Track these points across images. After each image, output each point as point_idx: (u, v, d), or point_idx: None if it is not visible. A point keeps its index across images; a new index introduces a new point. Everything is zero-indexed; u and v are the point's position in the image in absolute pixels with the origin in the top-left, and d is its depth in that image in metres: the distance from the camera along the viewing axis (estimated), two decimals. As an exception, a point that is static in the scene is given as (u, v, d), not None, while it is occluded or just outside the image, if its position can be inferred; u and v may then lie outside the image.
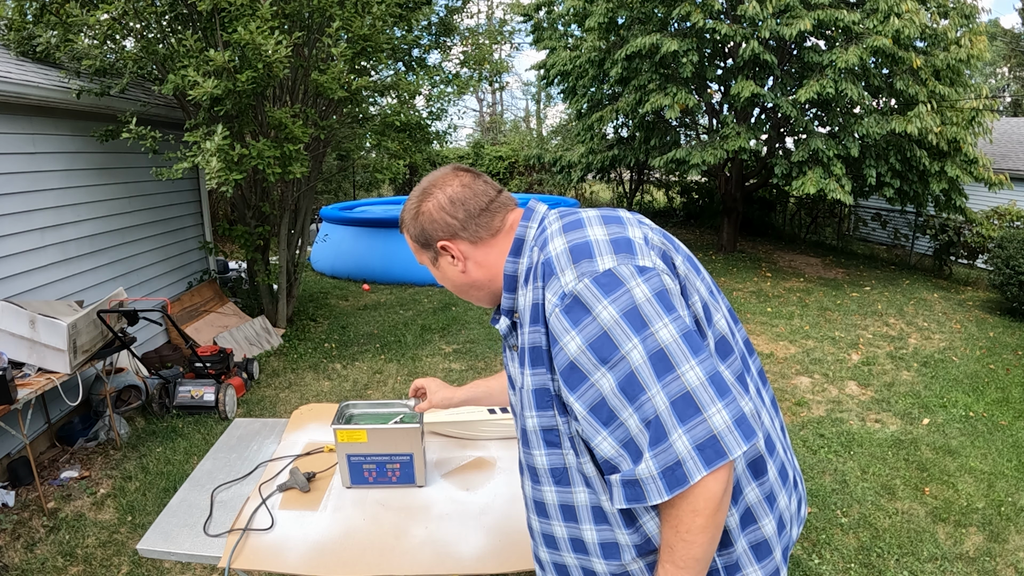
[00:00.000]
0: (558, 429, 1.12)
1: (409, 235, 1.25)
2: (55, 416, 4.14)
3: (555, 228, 1.11)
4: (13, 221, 3.89)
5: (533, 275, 1.09)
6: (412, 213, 1.23)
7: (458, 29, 7.00)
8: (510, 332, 1.18)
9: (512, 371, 1.22)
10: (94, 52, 4.41)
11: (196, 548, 1.71)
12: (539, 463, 1.16)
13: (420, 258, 1.27)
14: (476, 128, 28.64)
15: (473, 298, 1.26)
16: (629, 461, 1.00)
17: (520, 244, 1.17)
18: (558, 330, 1.02)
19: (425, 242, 1.22)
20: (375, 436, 1.89)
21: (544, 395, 1.11)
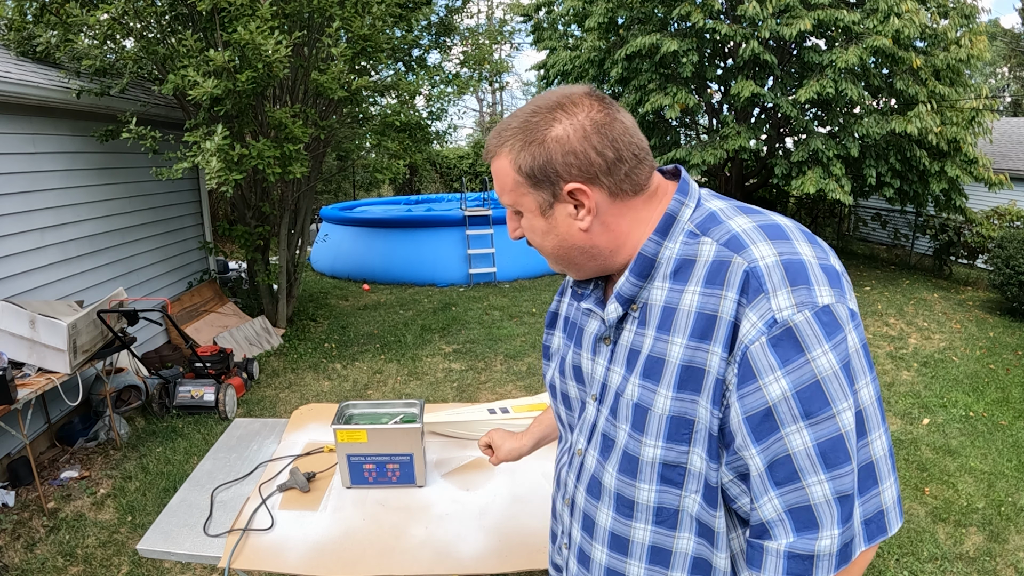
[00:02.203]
0: (687, 468, 0.90)
1: (513, 162, 0.92)
2: (55, 416, 4.14)
3: (747, 226, 0.88)
4: (13, 221, 3.89)
5: (709, 277, 0.86)
6: (531, 134, 0.90)
7: (458, 29, 7.01)
8: (615, 325, 0.98)
9: (593, 368, 1.02)
10: (94, 52, 4.42)
11: (196, 548, 1.71)
12: (642, 497, 0.94)
13: (512, 197, 0.95)
14: (476, 128, 28.63)
15: (573, 266, 0.99)
16: (791, 531, 0.83)
17: (670, 222, 0.93)
18: (761, 365, 0.81)
19: (544, 178, 0.91)
20: (375, 436, 1.89)
21: (683, 426, 0.88)
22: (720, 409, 0.85)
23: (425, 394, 5.02)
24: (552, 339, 1.22)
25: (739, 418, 0.84)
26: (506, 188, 0.96)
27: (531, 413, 2.26)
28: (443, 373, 5.49)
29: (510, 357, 5.84)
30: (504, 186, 0.96)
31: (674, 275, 0.91)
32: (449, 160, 18.51)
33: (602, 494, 1.01)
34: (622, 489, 0.97)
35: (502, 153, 0.94)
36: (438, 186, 18.74)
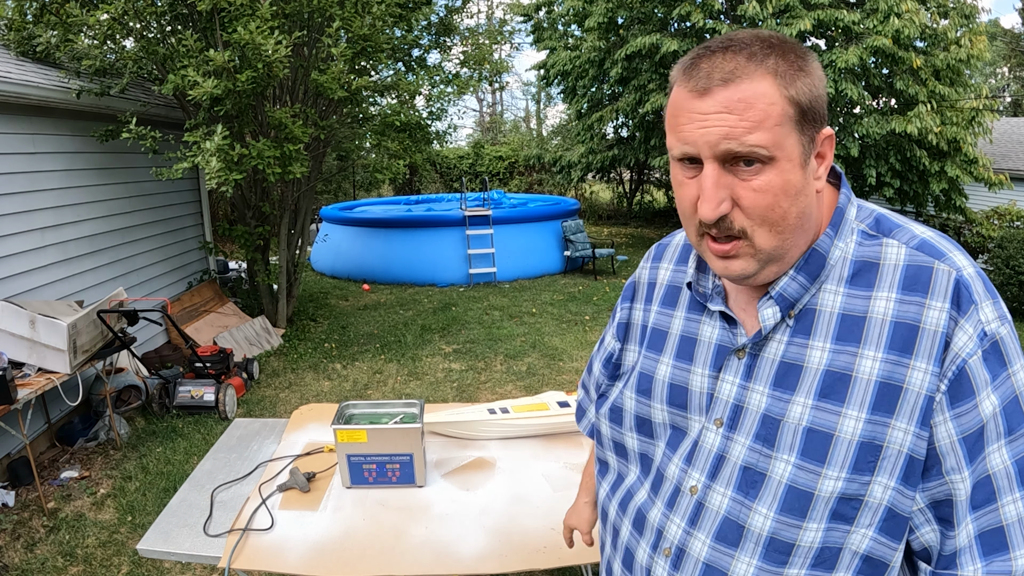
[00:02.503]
0: (863, 501, 0.77)
1: (784, 88, 0.72)
2: (55, 416, 4.14)
3: (930, 232, 0.81)
4: (13, 221, 3.89)
5: (906, 283, 0.77)
6: (799, 59, 0.74)
7: (458, 29, 7.01)
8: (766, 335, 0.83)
9: (714, 386, 0.87)
10: (94, 52, 4.42)
11: (196, 548, 1.71)
12: (806, 540, 0.79)
13: (773, 136, 0.72)
14: (476, 128, 28.64)
15: (781, 251, 0.78)
16: (978, 557, 0.76)
17: (840, 218, 0.82)
18: (978, 381, 0.74)
19: (813, 119, 0.75)
20: (375, 436, 1.89)
21: (871, 453, 0.76)
22: (920, 428, 0.75)
23: (425, 394, 5.02)
24: (626, 354, 1.04)
25: (952, 439, 0.75)
26: (766, 121, 0.71)
27: (531, 413, 2.26)
28: (443, 373, 5.49)
29: (510, 357, 5.84)
30: (762, 118, 0.71)
31: (852, 279, 0.80)
32: (449, 160, 18.52)
33: (744, 540, 0.83)
34: (780, 532, 0.81)
35: (762, 73, 0.72)
36: (438, 186, 18.75)
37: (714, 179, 0.74)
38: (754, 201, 0.74)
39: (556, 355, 5.86)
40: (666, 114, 0.80)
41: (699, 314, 0.93)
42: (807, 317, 0.81)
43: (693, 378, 0.90)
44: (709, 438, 0.87)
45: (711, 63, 0.73)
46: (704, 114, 0.73)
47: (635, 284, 1.07)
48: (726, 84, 0.72)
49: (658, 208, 17.02)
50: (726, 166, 0.74)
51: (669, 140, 0.79)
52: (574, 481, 1.99)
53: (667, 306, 0.98)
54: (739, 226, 0.76)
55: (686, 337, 0.93)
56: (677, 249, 1.03)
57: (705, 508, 0.86)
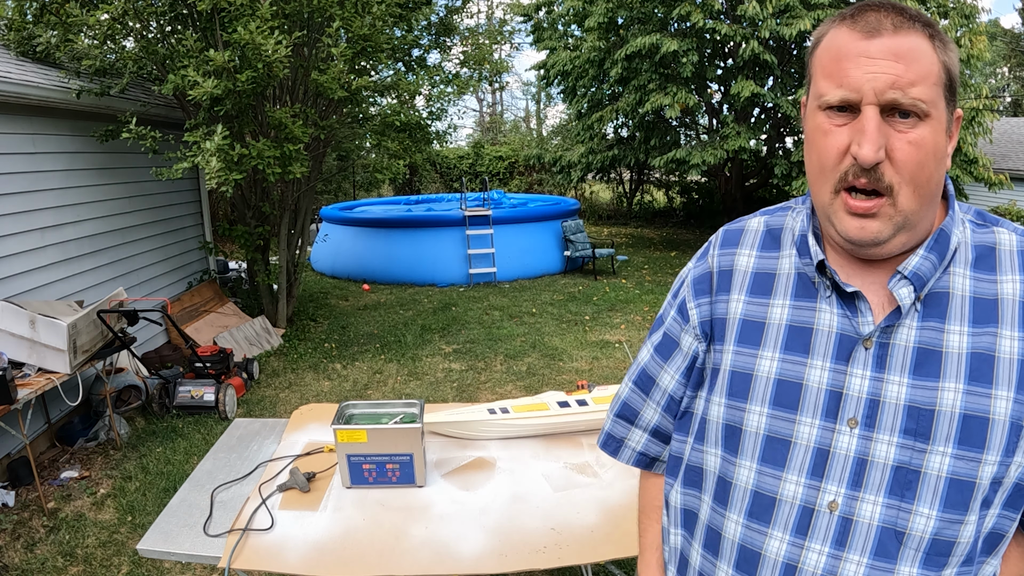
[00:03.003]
0: (1003, 481, 0.78)
1: (939, 54, 0.74)
2: (55, 416, 4.15)
3: None
4: (13, 221, 3.89)
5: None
6: (944, 36, 0.76)
7: (458, 29, 7.01)
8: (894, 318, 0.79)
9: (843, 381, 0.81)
10: (94, 52, 4.42)
11: (196, 548, 1.71)
12: (966, 534, 0.78)
13: (933, 92, 0.73)
14: (476, 128, 28.65)
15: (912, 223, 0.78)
16: None
17: (952, 205, 0.83)
18: None
19: (954, 91, 0.77)
20: (375, 436, 1.89)
21: (1017, 432, 0.76)
22: None
23: (425, 394, 5.02)
24: (713, 356, 0.92)
25: None
26: (927, 78, 0.73)
27: (531, 413, 2.26)
28: (443, 373, 5.49)
29: (510, 357, 5.84)
30: (925, 74, 0.73)
31: (976, 263, 0.81)
32: (449, 160, 18.51)
33: (904, 548, 0.78)
34: (943, 531, 0.77)
35: (923, 34, 0.74)
36: (438, 186, 18.75)
37: (876, 123, 0.73)
38: (908, 155, 0.73)
39: (556, 355, 5.86)
40: (819, 59, 0.78)
41: (810, 300, 0.84)
42: (938, 300, 0.79)
43: (810, 373, 0.82)
44: (844, 442, 0.79)
45: (879, 13, 0.74)
46: (872, 58, 0.72)
47: (708, 275, 0.95)
48: (896, 31, 0.73)
49: (658, 208, 17.03)
50: (883, 114, 0.73)
51: (821, 86, 0.77)
52: (574, 481, 1.99)
53: (759, 295, 0.89)
54: (888, 180, 0.74)
55: (796, 327, 0.84)
56: (758, 235, 0.94)
57: (855, 523, 0.79)
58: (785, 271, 0.88)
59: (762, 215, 0.96)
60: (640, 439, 1.05)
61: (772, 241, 0.92)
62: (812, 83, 0.80)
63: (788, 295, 0.86)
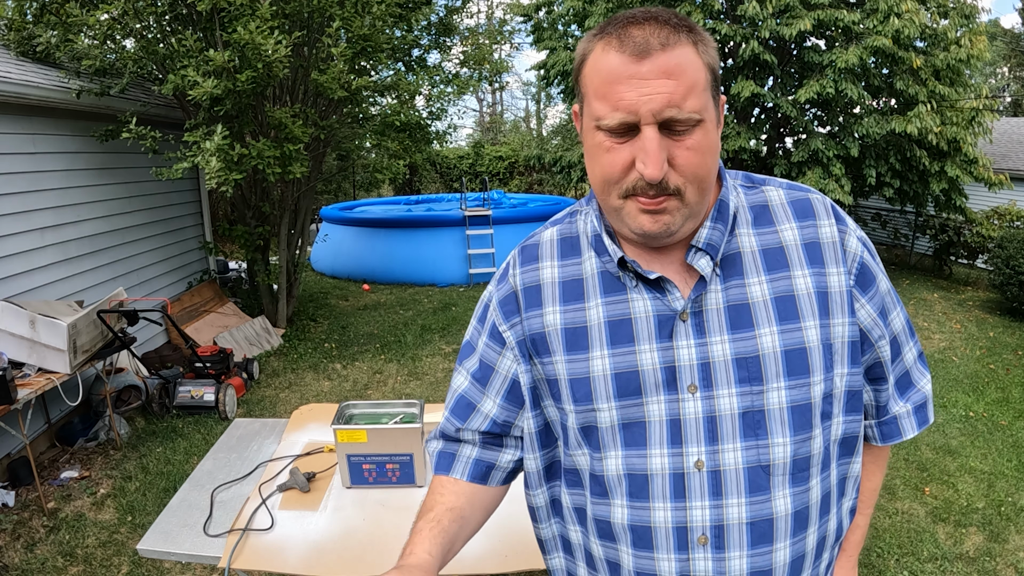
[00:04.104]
0: (832, 393, 0.89)
1: (703, 55, 0.78)
2: (55, 416, 4.14)
3: (778, 177, 0.97)
4: (13, 221, 3.89)
5: (799, 214, 0.90)
6: (702, 34, 0.80)
7: (458, 29, 7.01)
8: (700, 288, 0.86)
9: (672, 356, 0.86)
10: (94, 52, 4.42)
11: (196, 548, 1.71)
12: (816, 447, 0.88)
13: (702, 100, 0.77)
14: (476, 128, 28.64)
15: (705, 195, 0.83)
16: (899, 399, 0.99)
17: (723, 175, 0.92)
18: (873, 270, 0.92)
19: (717, 82, 0.81)
20: (375, 436, 1.89)
21: (829, 351, 0.87)
22: (853, 316, 0.89)
23: (425, 394, 5.02)
24: (537, 371, 0.95)
25: (871, 315, 0.91)
26: (696, 87, 0.76)
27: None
28: (443, 373, 5.48)
29: (510, 357, 5.84)
30: (693, 84, 0.76)
31: (755, 221, 0.90)
32: (449, 160, 18.51)
33: (772, 478, 0.86)
34: (799, 451, 0.86)
35: (686, 41, 0.77)
36: (438, 186, 18.74)
37: (657, 142, 0.76)
38: (688, 160, 0.78)
39: (556, 355, 5.85)
40: (588, 79, 0.80)
41: (621, 294, 0.89)
42: (732, 261, 0.88)
43: (642, 358, 0.87)
44: (691, 407, 0.86)
45: (643, 31, 0.76)
46: (644, 79, 0.74)
47: (513, 295, 0.96)
48: (664, 49, 0.75)
49: (658, 208, 16.98)
50: (662, 130, 0.77)
51: (596, 108, 0.79)
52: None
53: (573, 301, 0.92)
54: (674, 184, 0.79)
55: (615, 321, 0.89)
56: (554, 245, 0.97)
57: (723, 473, 0.86)
58: (590, 273, 0.92)
59: (552, 225, 1.00)
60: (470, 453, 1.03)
61: (569, 248, 0.96)
62: (585, 102, 0.82)
63: (598, 294, 0.91)
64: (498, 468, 1.04)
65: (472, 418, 1.01)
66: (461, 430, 1.03)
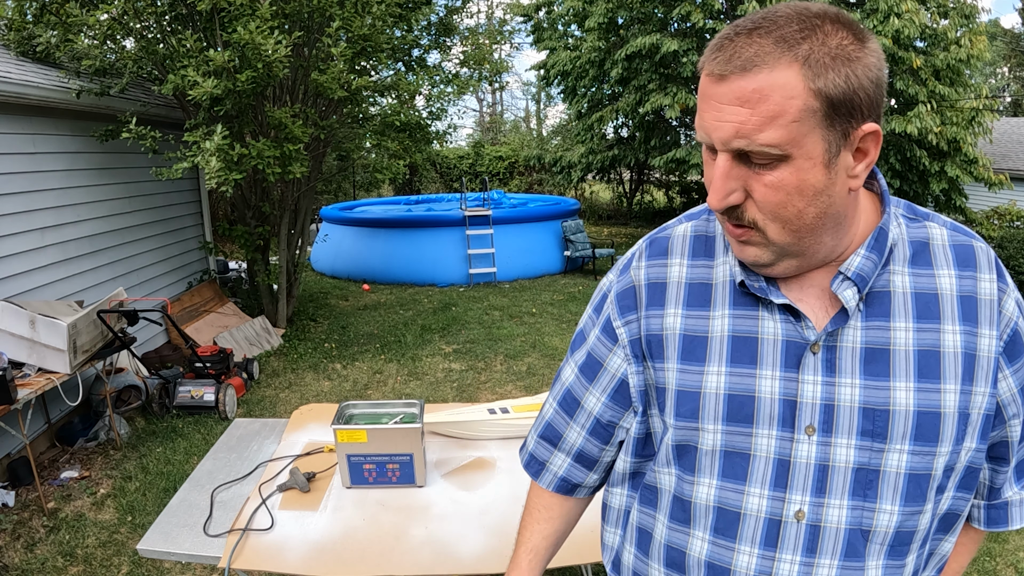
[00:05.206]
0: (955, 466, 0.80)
1: (811, 80, 0.65)
2: (55, 416, 4.14)
3: (948, 219, 0.86)
4: (13, 221, 3.89)
5: (959, 260, 0.80)
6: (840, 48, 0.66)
7: (458, 29, 7.01)
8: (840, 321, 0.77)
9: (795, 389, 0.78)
10: (94, 52, 4.42)
11: (196, 548, 1.71)
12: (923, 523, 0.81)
13: (788, 133, 0.66)
14: (476, 128, 28.64)
15: (807, 251, 0.76)
16: (1014, 483, 0.90)
17: (886, 201, 0.81)
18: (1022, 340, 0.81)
19: (847, 113, 0.67)
20: (375, 436, 1.89)
21: (965, 421, 0.78)
22: (995, 388, 0.80)
23: (425, 394, 5.02)
24: (649, 375, 0.88)
25: (1012, 391, 0.81)
26: (780, 117, 0.66)
27: (531, 413, 2.26)
28: (443, 373, 5.49)
29: (510, 357, 5.84)
30: (776, 114, 0.66)
31: (913, 259, 0.80)
32: (449, 160, 18.51)
33: (870, 545, 0.79)
34: (905, 523, 0.79)
35: (788, 61, 0.65)
36: (438, 186, 18.75)
37: (724, 171, 0.71)
38: (765, 196, 0.71)
39: (556, 355, 5.86)
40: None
41: (751, 309, 0.81)
42: (880, 299, 0.78)
43: (761, 384, 0.79)
44: (803, 450, 0.78)
45: (734, 46, 0.68)
46: (720, 103, 0.69)
47: (633, 289, 0.89)
48: (743, 73, 0.66)
49: (658, 208, 17.03)
50: (740, 158, 0.70)
51: (696, 119, 0.75)
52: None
53: (697, 307, 0.84)
54: (750, 218, 0.73)
55: (740, 338, 0.81)
56: (686, 242, 0.88)
57: (823, 529, 0.79)
58: (721, 279, 0.84)
59: (687, 220, 0.91)
60: (563, 464, 1.01)
61: (703, 248, 0.87)
62: None
63: (727, 305, 0.83)
64: (583, 487, 1.03)
65: (577, 415, 0.97)
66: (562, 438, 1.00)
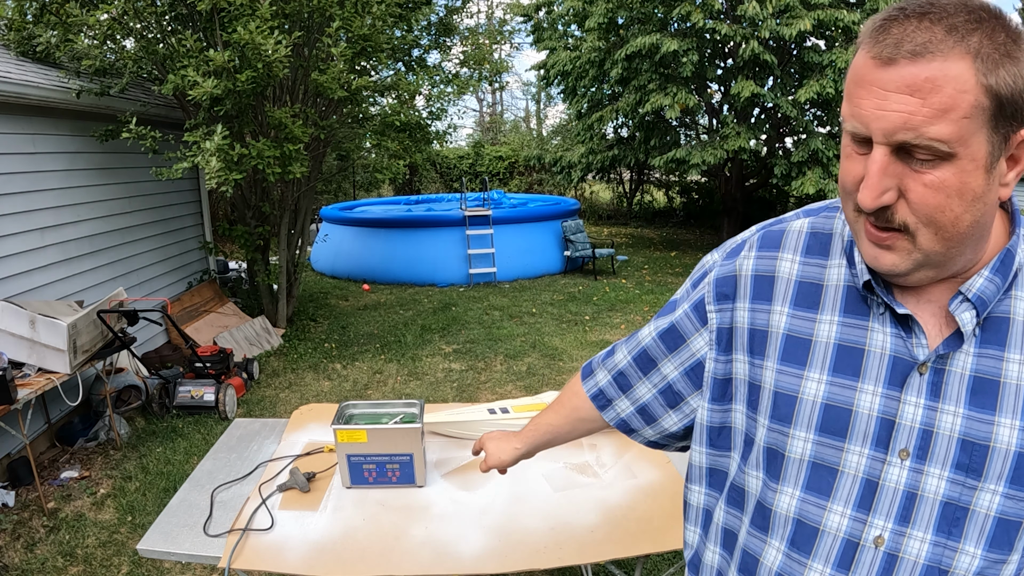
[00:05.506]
0: None
1: (983, 75, 0.61)
2: (55, 416, 4.14)
3: None
4: (13, 221, 3.89)
5: None
6: (1012, 42, 0.62)
7: (458, 29, 7.01)
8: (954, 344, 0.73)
9: (896, 409, 0.74)
10: (94, 52, 4.42)
11: (196, 548, 1.71)
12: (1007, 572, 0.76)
13: (957, 129, 0.62)
14: (476, 128, 28.64)
15: (948, 260, 0.71)
16: None
17: (1017, 222, 0.75)
18: None
19: (1013, 113, 0.63)
20: (375, 436, 1.89)
21: None
22: None
23: (425, 394, 5.02)
24: (735, 366, 0.86)
25: None
26: (952, 112, 0.61)
27: (531, 413, 2.26)
28: (443, 373, 5.49)
29: (510, 357, 5.84)
30: (948, 107, 0.61)
31: None
32: (449, 160, 18.51)
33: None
34: (987, 571, 0.74)
35: (960, 52, 0.61)
36: (438, 186, 18.75)
37: (881, 166, 0.65)
38: (923, 198, 0.65)
39: (556, 355, 5.86)
40: (849, 72, 0.70)
41: (862, 318, 0.77)
42: (997, 325, 0.73)
43: (861, 398, 0.75)
44: (894, 474, 0.74)
45: (902, 29, 0.62)
46: (884, 90, 0.63)
47: (734, 278, 0.86)
48: (914, 58, 0.61)
49: (658, 208, 17.03)
50: (898, 153, 0.65)
51: (844, 107, 0.69)
52: (574, 481, 1.99)
53: (804, 307, 0.80)
54: (901, 220, 0.67)
55: (846, 347, 0.77)
56: (801, 237, 0.84)
57: (900, 560, 0.74)
58: (834, 282, 0.80)
59: (805, 216, 0.86)
60: (626, 409, 1.02)
61: (818, 246, 0.83)
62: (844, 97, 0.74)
63: (837, 310, 0.78)
64: (637, 433, 1.04)
65: (651, 375, 0.97)
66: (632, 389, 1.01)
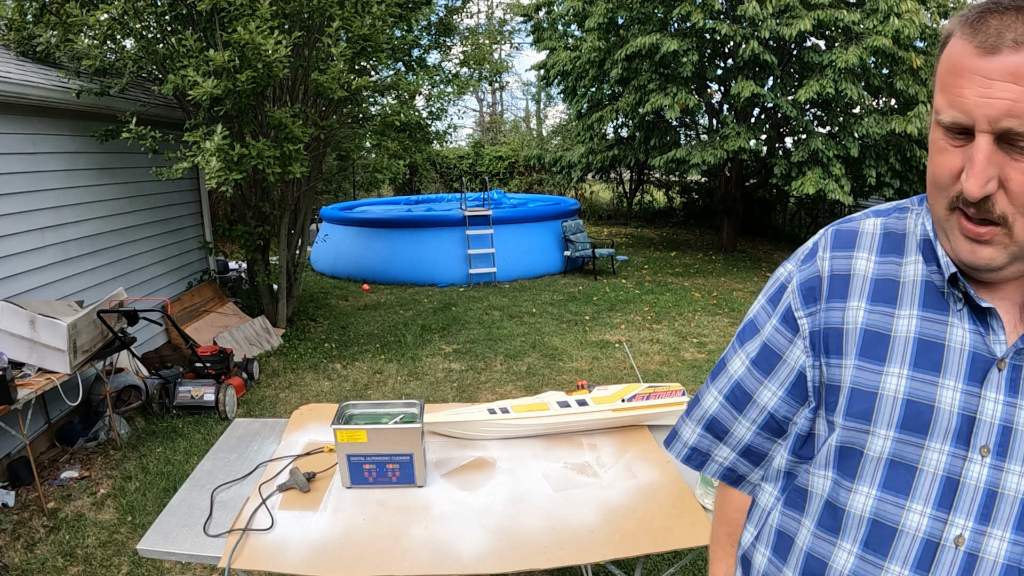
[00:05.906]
0: None
1: None
2: (55, 416, 4.14)
3: None
4: (13, 221, 3.89)
5: None
6: None
7: (458, 29, 7.01)
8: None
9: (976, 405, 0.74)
10: (94, 52, 4.42)
11: (196, 548, 1.71)
12: None
13: None
14: (476, 128, 28.64)
15: None
16: None
17: None
18: None
19: None
20: (375, 436, 1.89)
21: None
22: None
23: (425, 394, 5.02)
24: (840, 370, 0.82)
25: None
26: None
27: (531, 413, 2.26)
28: (443, 373, 5.49)
29: (510, 357, 5.84)
30: None
31: None
32: (449, 160, 18.51)
33: None
34: None
35: None
36: (438, 186, 18.75)
37: (987, 154, 0.66)
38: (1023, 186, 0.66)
39: (556, 355, 5.86)
40: (940, 67, 0.71)
41: (941, 313, 0.77)
42: None
43: (942, 394, 0.75)
44: (974, 471, 0.73)
45: (1002, 20, 0.64)
46: (988, 79, 0.64)
47: (818, 279, 0.85)
48: (1018, 47, 0.63)
49: (658, 208, 17.03)
50: (1000, 142, 0.66)
51: (938, 100, 0.70)
52: (574, 481, 1.99)
53: (883, 303, 0.80)
54: (1000, 211, 0.67)
55: (926, 341, 0.76)
56: (875, 238, 0.84)
57: (980, 560, 0.73)
58: (910, 278, 0.80)
59: (875, 216, 0.87)
60: (728, 456, 0.97)
61: (891, 245, 0.83)
62: (935, 91, 0.73)
63: (915, 305, 0.78)
64: (747, 482, 0.99)
65: (748, 410, 0.93)
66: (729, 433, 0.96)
